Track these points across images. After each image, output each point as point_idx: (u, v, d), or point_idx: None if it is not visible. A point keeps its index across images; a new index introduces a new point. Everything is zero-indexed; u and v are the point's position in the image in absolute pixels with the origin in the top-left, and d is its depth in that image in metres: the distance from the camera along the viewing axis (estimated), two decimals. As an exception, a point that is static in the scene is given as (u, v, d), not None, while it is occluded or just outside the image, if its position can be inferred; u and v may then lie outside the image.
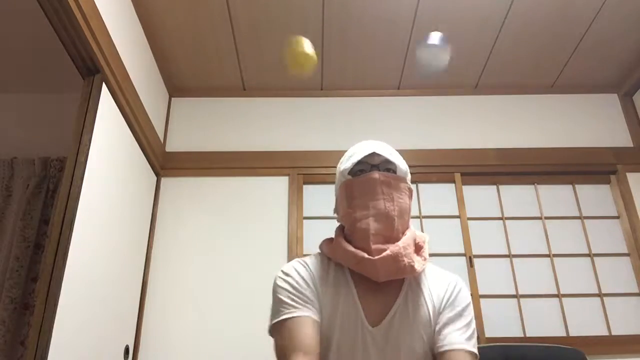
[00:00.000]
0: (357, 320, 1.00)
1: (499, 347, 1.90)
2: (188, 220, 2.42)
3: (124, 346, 2.04)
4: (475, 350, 1.01)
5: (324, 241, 1.16)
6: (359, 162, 1.10)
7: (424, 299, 1.05)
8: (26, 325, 2.20)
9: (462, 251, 2.37)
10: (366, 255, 1.01)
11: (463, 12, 2.27)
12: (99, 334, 1.78)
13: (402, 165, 1.12)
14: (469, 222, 2.44)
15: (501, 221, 2.47)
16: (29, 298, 2.24)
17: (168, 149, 2.58)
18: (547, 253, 2.40)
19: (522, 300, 2.30)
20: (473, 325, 1.04)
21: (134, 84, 2.10)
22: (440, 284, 1.09)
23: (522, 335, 2.23)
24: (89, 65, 1.78)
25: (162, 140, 2.56)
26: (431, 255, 2.72)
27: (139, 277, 2.24)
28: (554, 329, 2.24)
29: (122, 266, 2.03)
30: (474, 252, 2.37)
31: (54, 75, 2.55)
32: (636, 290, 2.33)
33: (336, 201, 1.17)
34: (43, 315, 1.47)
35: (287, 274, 1.07)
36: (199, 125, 2.65)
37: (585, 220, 2.47)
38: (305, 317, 0.98)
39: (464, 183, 2.53)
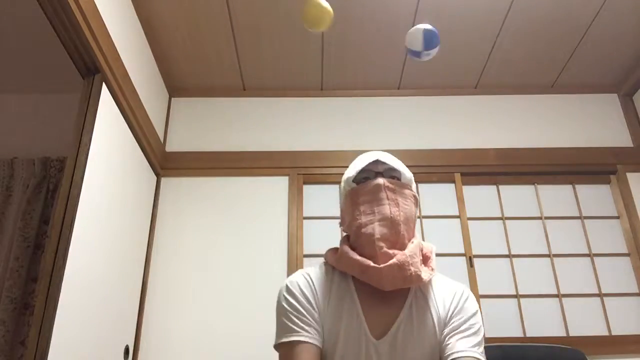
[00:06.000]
0: (360, 332, 0.98)
1: (499, 347, 1.90)
2: (188, 220, 2.42)
3: (124, 346, 2.03)
4: (483, 358, 0.99)
5: (328, 251, 1.14)
6: (363, 170, 1.10)
7: (430, 309, 1.03)
8: (26, 325, 2.19)
9: (462, 251, 2.37)
10: (372, 264, 0.99)
11: (463, 12, 2.28)
12: (99, 334, 1.78)
13: (406, 172, 1.12)
14: (469, 222, 2.44)
15: (501, 221, 2.47)
16: (29, 298, 2.24)
17: (168, 149, 2.58)
18: (547, 253, 2.40)
19: (522, 300, 2.30)
20: (481, 334, 1.02)
21: (134, 84, 2.10)
22: (446, 293, 1.06)
23: (522, 335, 2.22)
24: (89, 65, 1.78)
25: (162, 140, 2.56)
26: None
27: (139, 277, 2.24)
28: (554, 329, 2.24)
29: (122, 266, 2.03)
30: (474, 252, 2.37)
31: (54, 75, 2.56)
32: (636, 290, 2.33)
33: (341, 212, 1.16)
34: (43, 315, 1.47)
35: (289, 291, 1.05)
36: (199, 125, 2.65)
37: (585, 220, 2.47)
38: (304, 342, 0.97)
39: (464, 183, 2.53)
